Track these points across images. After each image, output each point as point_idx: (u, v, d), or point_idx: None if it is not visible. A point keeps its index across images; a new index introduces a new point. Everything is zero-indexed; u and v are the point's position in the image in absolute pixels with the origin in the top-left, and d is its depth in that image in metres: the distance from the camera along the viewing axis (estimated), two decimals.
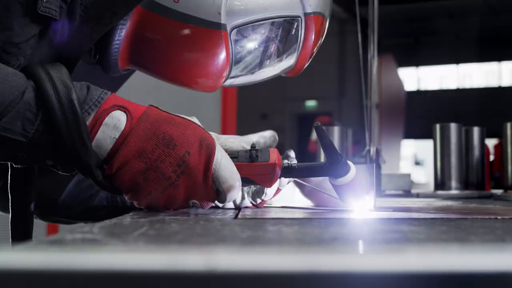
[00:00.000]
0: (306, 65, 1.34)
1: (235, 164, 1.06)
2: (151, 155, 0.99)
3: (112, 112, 1.00)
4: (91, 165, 0.99)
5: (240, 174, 1.06)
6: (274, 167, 1.09)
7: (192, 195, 1.03)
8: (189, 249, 0.53)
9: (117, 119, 1.00)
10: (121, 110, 1.01)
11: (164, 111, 1.05)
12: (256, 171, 1.09)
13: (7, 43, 1.04)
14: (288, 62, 1.32)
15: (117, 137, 1.00)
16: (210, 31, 1.19)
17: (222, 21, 1.19)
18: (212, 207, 1.25)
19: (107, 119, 1.00)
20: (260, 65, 1.29)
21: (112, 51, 1.20)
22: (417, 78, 14.19)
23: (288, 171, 1.12)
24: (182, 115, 1.06)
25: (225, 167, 1.03)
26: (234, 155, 1.08)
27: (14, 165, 1.08)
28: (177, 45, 1.21)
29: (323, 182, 1.26)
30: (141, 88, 3.19)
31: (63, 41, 1.10)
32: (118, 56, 1.21)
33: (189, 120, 1.05)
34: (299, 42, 1.29)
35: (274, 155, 1.10)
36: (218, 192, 1.05)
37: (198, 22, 1.18)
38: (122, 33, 1.19)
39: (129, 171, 1.00)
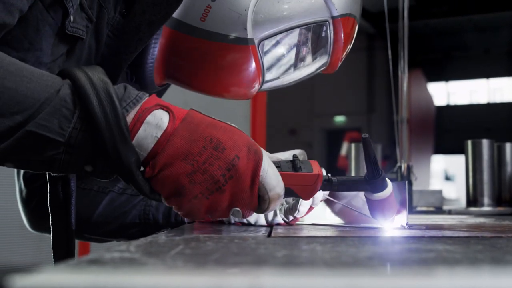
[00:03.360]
0: (340, 63, 1.34)
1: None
2: (198, 157, 0.97)
3: (155, 111, 0.98)
4: (131, 164, 0.96)
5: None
6: (317, 178, 1.08)
7: (236, 202, 1.01)
8: (230, 269, 0.53)
9: (160, 118, 0.98)
10: (163, 109, 0.99)
11: (207, 116, 1.03)
12: (299, 181, 1.07)
13: (37, 63, 1.05)
14: (321, 61, 1.32)
15: (159, 136, 0.97)
16: (238, 46, 1.20)
17: (249, 36, 1.20)
18: (244, 224, 1.26)
19: (149, 117, 0.98)
20: (293, 68, 1.30)
21: (148, 71, 1.23)
22: (447, 93, 14.06)
23: (328, 184, 1.11)
24: (226, 121, 1.04)
25: (272, 175, 1.02)
26: (276, 165, 1.07)
27: (52, 174, 1.07)
28: (207, 61, 1.23)
29: (353, 200, 1.26)
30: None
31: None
32: (154, 74, 1.24)
33: (234, 126, 1.04)
34: (329, 45, 1.29)
35: (316, 167, 1.09)
36: (261, 201, 1.04)
37: (225, 39, 1.19)
38: (155, 53, 1.22)
39: (174, 173, 0.97)
